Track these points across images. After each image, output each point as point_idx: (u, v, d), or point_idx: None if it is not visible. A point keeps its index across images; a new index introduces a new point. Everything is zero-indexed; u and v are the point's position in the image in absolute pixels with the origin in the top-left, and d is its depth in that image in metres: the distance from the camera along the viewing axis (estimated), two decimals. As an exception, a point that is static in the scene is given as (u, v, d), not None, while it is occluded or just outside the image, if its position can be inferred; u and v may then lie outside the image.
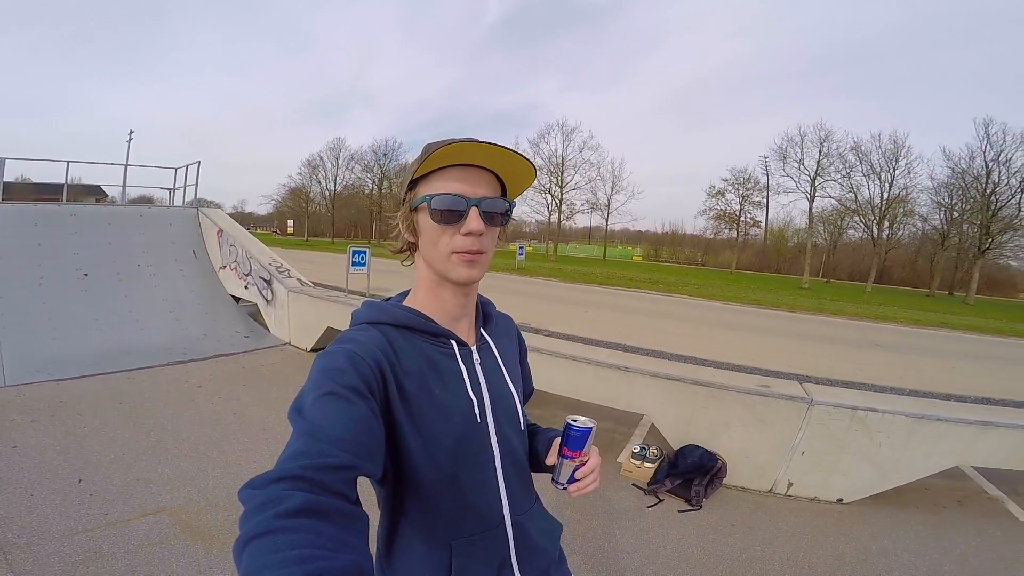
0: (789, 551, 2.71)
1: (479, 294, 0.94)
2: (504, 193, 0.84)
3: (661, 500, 3.16)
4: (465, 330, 0.89)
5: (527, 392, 1.07)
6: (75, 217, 7.12)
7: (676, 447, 3.47)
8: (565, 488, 0.88)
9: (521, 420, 0.93)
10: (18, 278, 6.09)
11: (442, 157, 0.75)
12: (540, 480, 0.98)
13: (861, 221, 35.13)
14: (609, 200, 44.67)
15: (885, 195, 32.87)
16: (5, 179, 7.50)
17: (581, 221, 52.31)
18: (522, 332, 1.10)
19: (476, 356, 0.87)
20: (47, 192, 9.33)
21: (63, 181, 8.34)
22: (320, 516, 0.52)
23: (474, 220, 0.76)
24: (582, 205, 45.26)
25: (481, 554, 0.84)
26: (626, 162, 63.17)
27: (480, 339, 0.91)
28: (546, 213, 44.59)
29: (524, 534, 0.89)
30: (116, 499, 2.80)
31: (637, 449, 3.44)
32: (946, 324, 15.00)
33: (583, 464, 0.88)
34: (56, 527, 2.51)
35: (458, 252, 0.77)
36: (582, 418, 0.87)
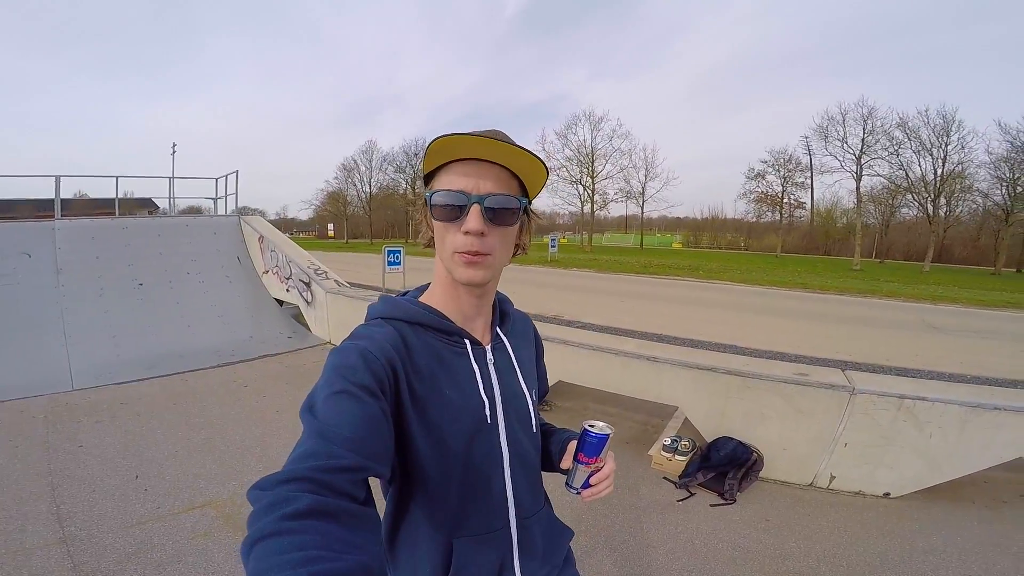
0: (827, 547, 2.60)
1: (498, 291, 0.93)
2: (525, 191, 0.80)
3: (693, 494, 3.09)
4: (480, 329, 0.87)
5: (541, 392, 1.05)
6: (127, 230, 7.54)
7: (709, 439, 3.38)
8: (579, 493, 0.88)
9: (533, 422, 0.92)
10: (81, 289, 6.51)
11: (442, 152, 0.73)
12: (552, 482, 0.97)
13: (915, 199, 33.14)
14: (643, 187, 43.99)
15: (939, 171, 30.94)
16: (64, 196, 8.05)
17: (616, 210, 51.65)
18: (555, 324, 1.09)
19: (490, 356, 0.86)
20: (103, 207, 9.94)
21: (115, 195, 8.87)
22: (328, 517, 0.52)
23: (473, 219, 0.73)
24: (615, 194, 44.74)
25: (482, 554, 0.84)
26: (659, 148, 62.27)
27: (495, 339, 0.89)
28: (579, 204, 44.15)
29: (528, 537, 0.88)
30: (168, 494, 2.98)
31: (668, 441, 3.39)
32: (1013, 304, 13.93)
33: (598, 470, 0.87)
34: (113, 521, 2.69)
35: (459, 252, 0.75)
36: (600, 424, 0.86)
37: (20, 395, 4.64)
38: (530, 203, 0.82)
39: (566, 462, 0.89)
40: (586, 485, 0.87)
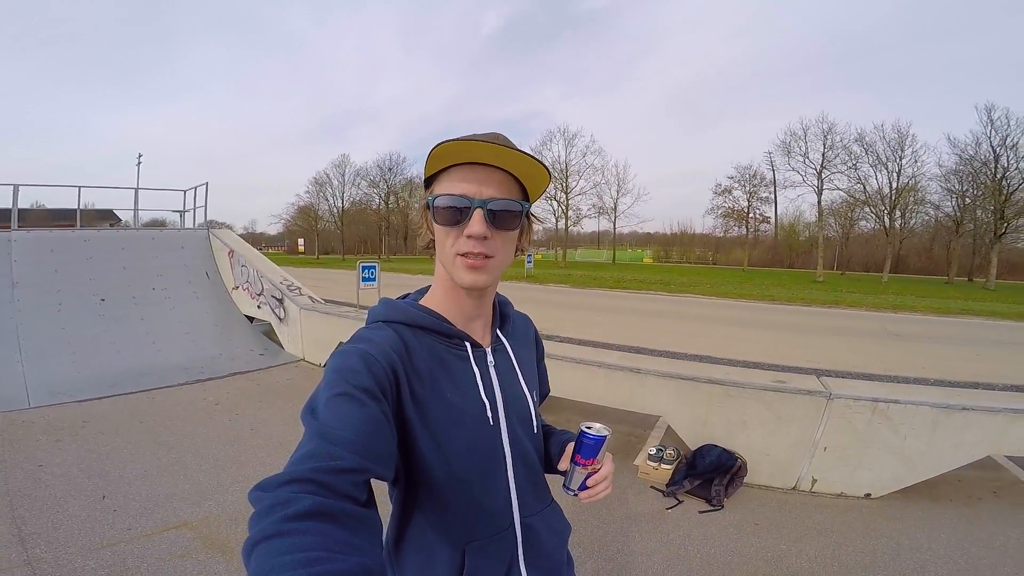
0: (817, 549, 2.65)
1: (498, 293, 0.93)
2: (526, 195, 0.80)
3: (681, 501, 3.11)
4: (480, 331, 0.87)
5: (543, 393, 1.05)
6: (89, 243, 7.25)
7: (693, 447, 3.42)
8: (576, 494, 0.87)
9: (535, 423, 0.92)
10: (38, 304, 6.22)
11: (445, 156, 0.73)
12: (555, 481, 0.96)
13: (872, 212, 34.91)
14: (615, 203, 44.73)
15: (894, 184, 32.69)
16: (21, 206, 7.67)
17: (589, 226, 52.42)
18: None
19: (490, 358, 0.86)
20: (62, 218, 9.52)
21: (77, 207, 8.51)
22: (329, 519, 0.52)
23: (477, 223, 0.73)
24: (588, 210, 45.32)
25: (491, 556, 0.84)
26: (631, 165, 62.98)
27: (496, 341, 0.89)
28: (552, 220, 44.59)
29: (533, 536, 0.89)
30: (139, 514, 2.84)
31: (653, 451, 3.41)
32: (968, 311, 14.71)
33: (595, 472, 0.87)
34: (82, 542, 2.55)
35: (461, 255, 0.75)
36: (597, 425, 0.85)
37: (-30, 415, 4.36)
38: (531, 207, 0.82)
39: (564, 464, 0.89)
40: (583, 487, 0.87)
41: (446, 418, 0.77)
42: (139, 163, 24.86)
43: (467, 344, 0.83)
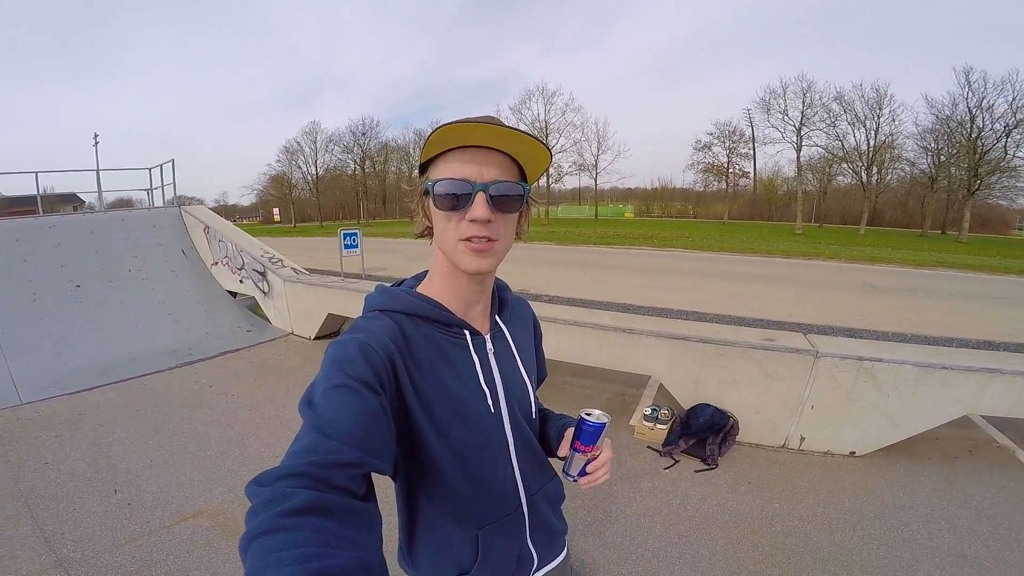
0: (807, 507, 2.78)
1: (497, 278, 0.92)
2: (524, 176, 0.79)
3: (677, 461, 3.24)
4: (479, 318, 0.87)
5: (540, 377, 1.06)
6: (55, 228, 6.95)
7: (687, 407, 3.53)
8: (575, 480, 0.89)
9: (533, 408, 0.94)
10: (11, 297, 5.99)
11: (442, 140, 0.71)
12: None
13: (849, 168, 35.27)
14: (596, 160, 44.33)
15: (872, 142, 33.06)
16: None
17: (570, 183, 52.00)
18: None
19: (490, 345, 0.86)
20: (21, 205, 9.11)
21: (36, 192, 8.12)
22: (326, 514, 0.52)
23: (480, 206, 0.71)
24: (569, 167, 44.89)
25: (503, 539, 0.87)
26: (610, 122, 62.56)
27: (495, 327, 0.89)
28: (534, 178, 44.09)
29: (537, 512, 0.93)
30: (154, 506, 2.85)
31: (649, 411, 3.52)
32: (942, 263, 15.14)
33: (595, 458, 0.88)
34: (106, 539, 2.56)
35: (464, 240, 0.74)
36: (596, 412, 0.86)
37: (-41, 414, 4.26)
38: (531, 188, 0.81)
39: (563, 450, 0.90)
40: (583, 473, 0.88)
41: (448, 407, 0.78)
42: (96, 143, 23.60)
43: (466, 333, 0.83)
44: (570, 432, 0.90)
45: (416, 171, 0.84)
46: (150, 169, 9.41)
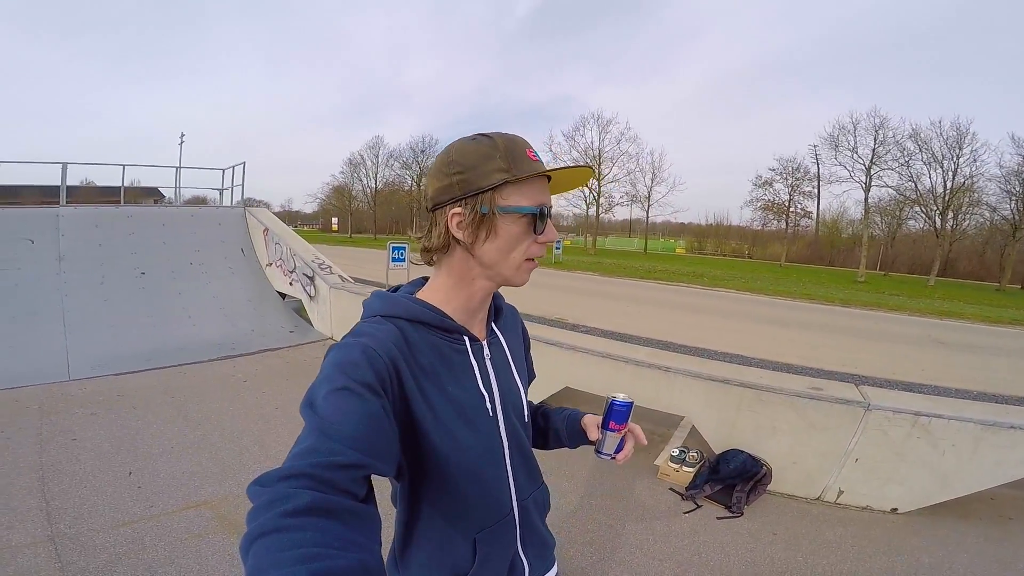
0: (833, 562, 2.54)
1: None
2: None
3: (699, 506, 3.02)
4: (478, 325, 0.89)
5: (530, 378, 1.07)
6: (132, 218, 7.49)
7: (718, 451, 3.32)
8: (613, 458, 0.96)
9: (526, 412, 0.96)
10: (82, 278, 6.47)
11: (557, 172, 0.79)
12: (546, 461, 1.02)
13: (922, 211, 32.98)
14: (649, 192, 43.83)
15: (949, 184, 30.70)
16: (71, 183, 8.00)
17: (620, 214, 51.61)
18: (560, 328, 1.12)
19: (487, 351, 0.88)
20: (109, 195, 9.91)
21: (121, 184, 8.82)
22: (327, 515, 0.52)
23: (551, 230, 0.80)
24: (621, 197, 44.57)
25: (498, 543, 0.88)
26: (666, 153, 61.59)
27: (491, 334, 0.91)
28: (583, 206, 44.06)
29: (527, 517, 0.94)
30: (162, 492, 2.91)
31: (676, 452, 3.32)
32: (1018, 321, 13.78)
33: (626, 435, 0.97)
34: (105, 519, 2.63)
35: (529, 260, 0.80)
36: (621, 395, 0.96)
37: (15, 384, 4.58)
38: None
39: (593, 434, 0.98)
40: (619, 449, 0.96)
41: (449, 411, 0.79)
42: (181, 142, 25.64)
43: (466, 339, 0.85)
44: (588, 419, 1.01)
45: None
46: (223, 170, 10.05)
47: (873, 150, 32.03)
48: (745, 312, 12.14)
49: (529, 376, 1.05)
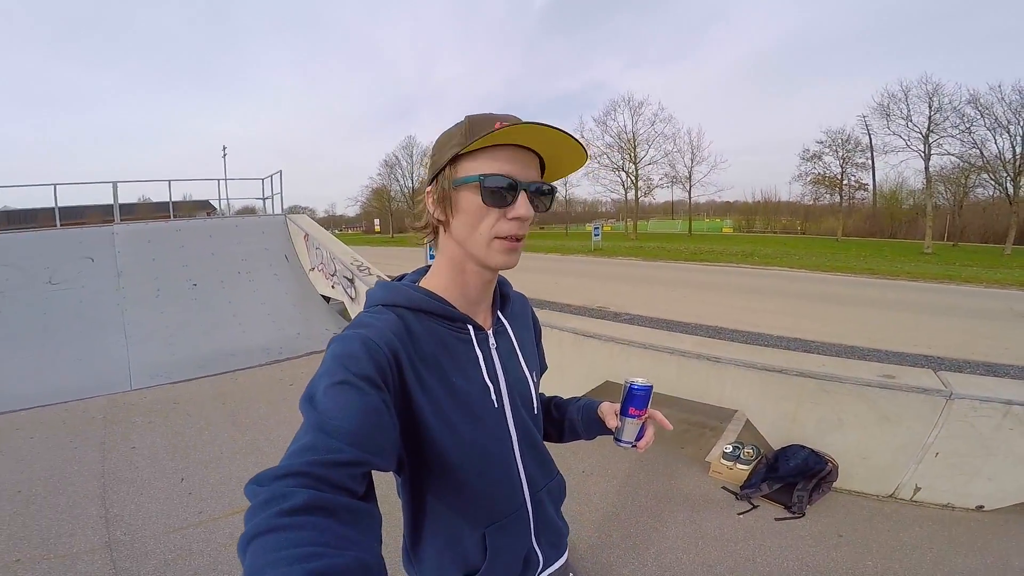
0: (908, 566, 2.29)
1: (499, 274, 0.91)
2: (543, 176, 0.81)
3: (755, 506, 2.81)
4: (483, 314, 0.87)
5: (541, 370, 1.05)
6: (181, 232, 7.81)
7: (776, 447, 3.08)
8: (634, 446, 0.92)
9: (535, 403, 0.94)
10: (139, 291, 6.80)
11: (498, 136, 0.70)
12: (559, 453, 0.98)
13: (991, 178, 30.36)
14: (690, 172, 42.25)
15: (1018, 149, 28.07)
16: (127, 200, 8.43)
17: (661, 196, 50.15)
18: (600, 320, 1.05)
19: (492, 341, 0.86)
20: (164, 210, 10.37)
21: (169, 199, 9.23)
22: (325, 513, 0.51)
23: (523, 205, 0.74)
24: (660, 179, 43.12)
25: (510, 536, 0.86)
26: (705, 132, 59.08)
27: (497, 323, 0.89)
28: (622, 191, 43.03)
29: (542, 510, 0.92)
30: (210, 497, 2.98)
31: (729, 449, 3.10)
32: (1113, 286, 12.39)
33: (646, 420, 0.93)
34: (157, 525, 2.70)
35: (501, 237, 0.75)
36: (639, 379, 0.91)
37: (84, 395, 4.85)
38: (556, 191, 0.82)
39: (612, 421, 0.94)
40: (640, 436, 0.92)
41: (452, 402, 0.78)
42: (224, 155, 26.79)
43: (470, 328, 0.83)
44: (605, 406, 0.98)
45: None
46: (262, 179, 10.36)
47: (929, 118, 29.76)
48: (801, 291, 11.46)
49: (541, 367, 1.03)
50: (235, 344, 6.41)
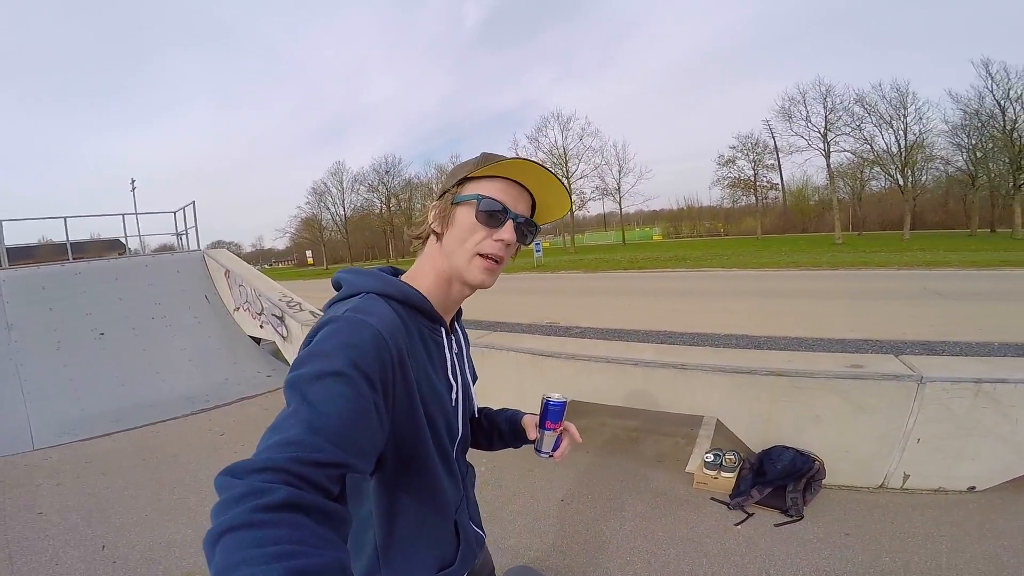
0: (926, 558, 2.20)
1: None
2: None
3: (751, 514, 2.67)
4: (448, 321, 0.92)
5: (474, 379, 1.10)
6: (81, 275, 6.95)
7: (755, 449, 2.98)
8: (551, 456, 1.01)
9: (474, 403, 1.04)
10: (35, 345, 5.99)
11: (501, 167, 0.79)
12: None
13: (882, 171, 33.83)
14: (619, 184, 43.90)
15: (902, 143, 31.59)
16: (23, 243, 7.39)
17: (594, 209, 51.59)
18: (554, 337, 1.03)
19: (454, 346, 0.92)
20: (76, 251, 9.18)
21: (84, 238, 8.26)
22: (302, 511, 0.49)
23: (509, 231, 0.81)
24: (592, 192, 44.54)
25: (466, 520, 0.97)
26: (629, 144, 61.85)
27: (454, 330, 0.95)
28: (557, 206, 43.88)
29: (467, 498, 1.00)
30: (139, 566, 2.57)
31: (711, 457, 2.95)
32: (1006, 262, 13.73)
33: (562, 433, 1.01)
34: None
35: (483, 255, 0.81)
36: (556, 394, 1.00)
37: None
38: (539, 230, 0.91)
39: (532, 433, 1.03)
40: (556, 447, 1.01)
41: (432, 398, 0.81)
42: (133, 188, 24.79)
43: (442, 329, 0.88)
44: (527, 419, 1.07)
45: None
46: (174, 212, 9.49)
47: (825, 117, 33.08)
48: (736, 288, 11.96)
49: (472, 376, 1.07)
50: (154, 395, 5.71)
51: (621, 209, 46.47)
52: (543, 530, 2.70)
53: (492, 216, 0.80)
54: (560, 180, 0.82)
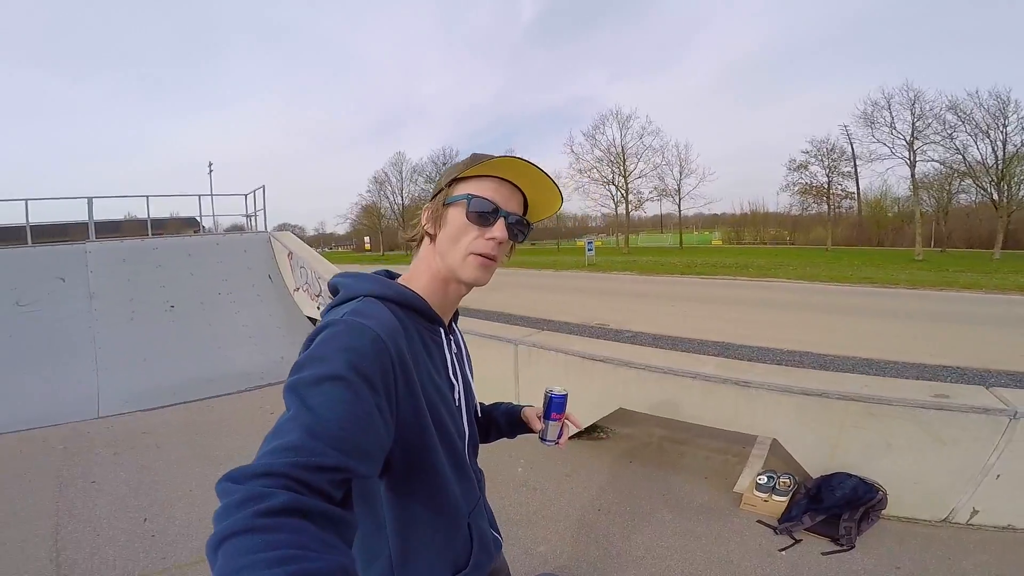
0: None
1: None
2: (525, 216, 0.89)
3: (798, 540, 2.48)
4: (447, 321, 0.92)
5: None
6: (158, 250, 7.40)
7: (813, 474, 2.76)
8: (557, 443, 1.10)
9: (477, 407, 1.04)
10: (112, 314, 6.39)
11: (490, 167, 0.81)
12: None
13: (975, 184, 30.72)
14: (679, 185, 42.49)
15: (999, 154, 28.52)
16: (112, 217, 7.99)
17: (651, 210, 50.22)
18: (605, 341, 0.97)
19: (453, 346, 0.92)
20: (156, 227, 9.91)
21: (162, 216, 8.85)
22: (303, 516, 0.48)
23: (500, 229, 0.82)
24: (650, 193, 43.32)
25: (481, 521, 0.96)
26: (692, 144, 59.46)
27: (453, 331, 0.95)
28: (612, 205, 43.08)
29: (483, 501, 1.00)
30: (176, 541, 2.65)
31: (764, 479, 2.76)
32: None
33: (565, 422, 1.10)
34: (115, 571, 2.37)
35: (476, 253, 0.82)
36: (558, 387, 1.08)
37: (45, 423, 4.47)
38: (532, 228, 0.91)
39: (536, 424, 1.11)
40: (560, 435, 1.10)
41: (436, 400, 0.81)
42: (210, 171, 26.36)
43: (441, 330, 0.88)
44: (529, 410, 1.14)
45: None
46: (245, 195, 9.98)
47: (912, 124, 30.27)
48: (803, 302, 11.23)
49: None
50: (214, 370, 6.00)
51: (680, 211, 45.04)
52: (576, 538, 2.62)
53: (482, 215, 0.81)
54: (551, 178, 0.82)
